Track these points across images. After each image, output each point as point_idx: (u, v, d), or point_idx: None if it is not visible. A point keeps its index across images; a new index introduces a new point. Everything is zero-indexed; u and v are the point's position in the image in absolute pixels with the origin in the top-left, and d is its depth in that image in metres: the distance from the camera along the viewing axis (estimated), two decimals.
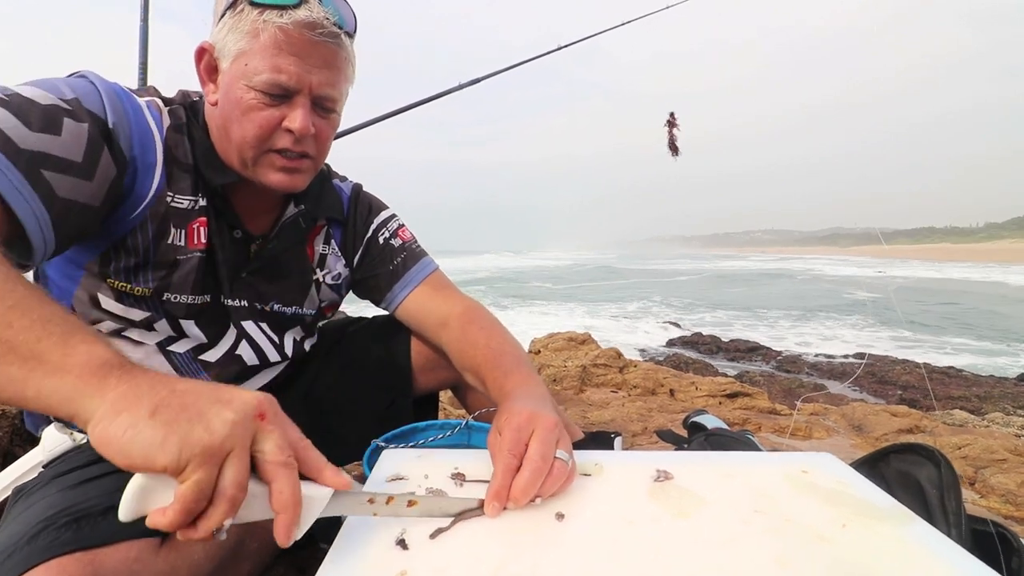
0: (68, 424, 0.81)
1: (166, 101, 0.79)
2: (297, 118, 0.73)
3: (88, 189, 0.66)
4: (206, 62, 0.76)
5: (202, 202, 0.79)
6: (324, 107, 0.77)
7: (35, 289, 0.49)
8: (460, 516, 0.56)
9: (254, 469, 0.46)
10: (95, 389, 0.43)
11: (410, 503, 0.56)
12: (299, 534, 0.47)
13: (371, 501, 0.54)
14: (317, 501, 0.49)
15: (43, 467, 0.78)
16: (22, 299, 0.46)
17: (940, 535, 0.54)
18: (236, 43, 0.71)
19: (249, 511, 0.46)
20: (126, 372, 0.45)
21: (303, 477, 0.49)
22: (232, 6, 0.72)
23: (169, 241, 0.77)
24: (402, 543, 0.52)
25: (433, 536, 0.53)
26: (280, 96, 0.72)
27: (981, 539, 0.73)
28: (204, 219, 0.79)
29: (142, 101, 0.74)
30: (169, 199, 0.76)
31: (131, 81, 1.94)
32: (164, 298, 0.78)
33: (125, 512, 0.42)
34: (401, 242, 1.03)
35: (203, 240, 0.79)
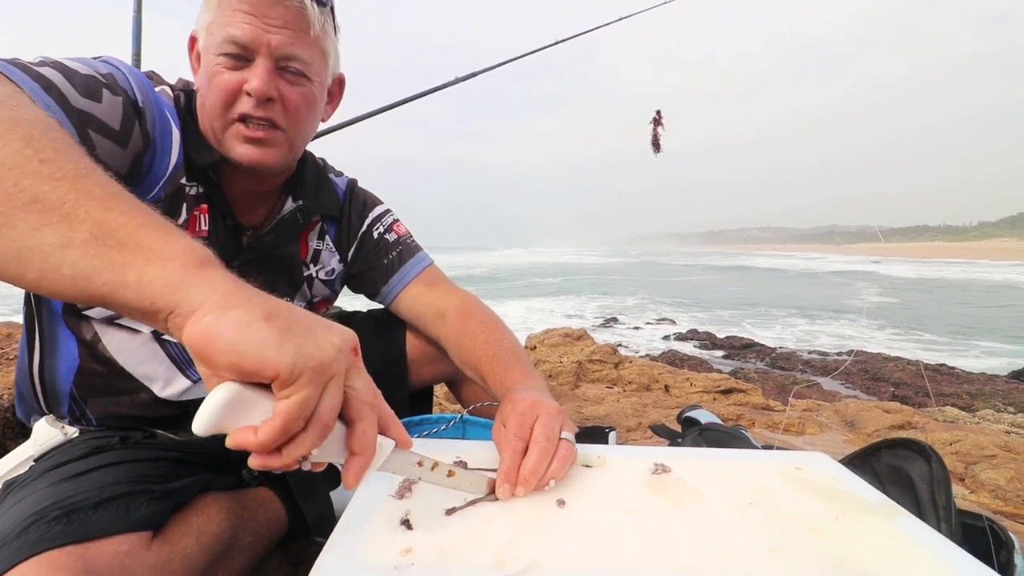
0: (60, 417, 0.81)
1: (172, 88, 0.80)
2: (254, 78, 0.71)
3: (121, 157, 0.67)
4: (196, 49, 0.77)
5: (201, 188, 0.79)
6: (290, 69, 0.74)
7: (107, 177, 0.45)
8: (474, 502, 0.58)
9: None
10: (202, 280, 0.39)
11: (450, 473, 0.57)
12: (370, 470, 0.46)
13: (420, 464, 0.54)
14: (383, 450, 0.48)
15: (34, 461, 0.77)
16: (122, 191, 0.43)
17: (929, 529, 0.55)
18: (206, 17, 0.73)
19: (327, 449, 0.43)
20: (227, 271, 0.42)
21: None
22: None
23: (177, 223, 0.77)
24: (407, 523, 0.53)
25: (449, 513, 0.55)
26: (239, 57, 0.71)
27: (970, 533, 0.74)
28: (205, 206, 0.79)
29: (157, 89, 0.76)
30: (182, 182, 0.77)
31: None
32: None
33: (203, 424, 0.37)
34: (396, 237, 1.03)
35: (204, 228, 0.79)
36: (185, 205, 0.77)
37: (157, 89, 0.76)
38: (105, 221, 0.40)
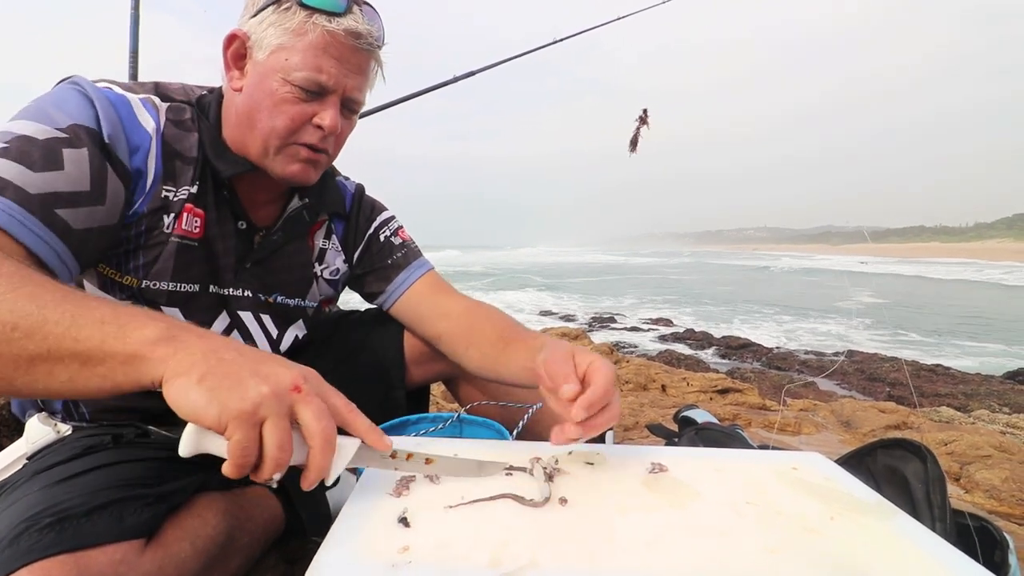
0: (52, 414, 0.80)
1: (165, 96, 0.79)
2: (328, 116, 0.76)
3: (102, 212, 0.68)
4: (235, 48, 0.77)
5: (192, 189, 0.79)
6: (350, 108, 0.80)
7: (76, 293, 0.54)
8: (504, 495, 0.58)
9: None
10: (157, 361, 0.50)
11: (428, 460, 0.59)
12: (332, 477, 0.53)
13: (393, 456, 0.58)
14: (346, 450, 0.54)
15: (27, 459, 0.77)
16: (76, 312, 0.51)
17: (924, 528, 0.55)
18: (277, 37, 0.73)
19: (298, 457, 0.52)
20: (180, 343, 0.51)
21: (344, 431, 0.56)
22: (278, 2, 0.74)
23: (157, 230, 0.77)
24: (404, 521, 0.53)
25: (452, 507, 0.56)
26: (315, 93, 0.75)
27: (965, 533, 0.74)
28: (194, 207, 0.79)
29: (137, 98, 0.74)
30: (164, 193, 0.77)
31: (122, 68, 1.92)
32: (143, 285, 0.78)
33: (184, 449, 0.49)
34: (401, 241, 1.05)
35: (196, 229, 0.80)
36: (171, 213, 0.77)
37: (141, 96, 0.75)
38: (80, 351, 0.50)
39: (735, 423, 1.99)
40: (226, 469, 0.49)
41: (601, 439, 1.23)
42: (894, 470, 0.82)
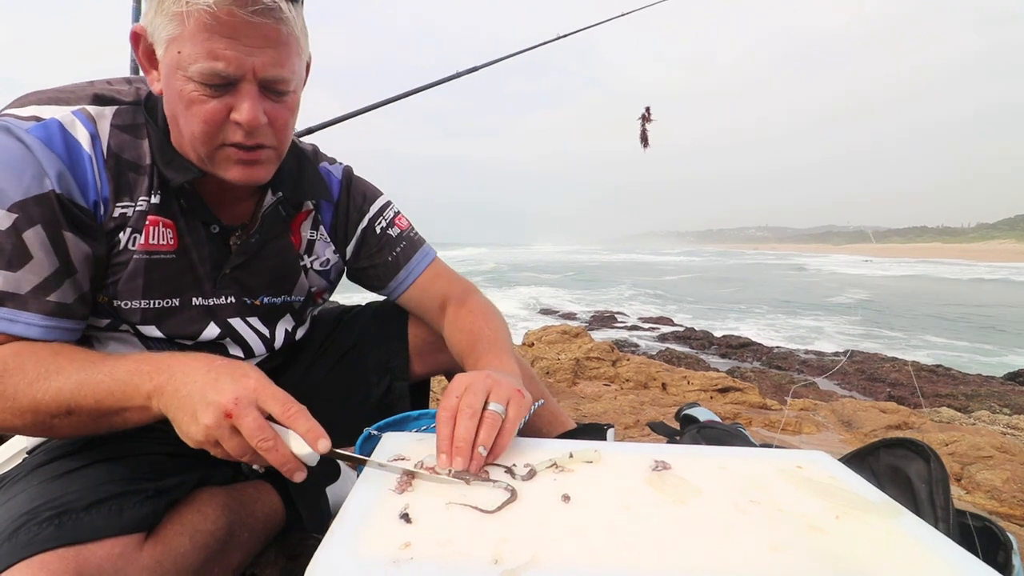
0: None
1: (108, 100, 0.72)
2: (244, 111, 0.66)
3: (81, 277, 0.69)
4: (143, 47, 0.69)
5: (154, 200, 0.74)
6: (275, 90, 0.69)
7: (85, 369, 0.63)
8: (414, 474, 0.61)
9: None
10: (155, 409, 0.62)
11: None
12: (311, 461, 0.61)
13: (331, 453, 0.62)
14: (303, 447, 0.61)
15: (27, 453, 0.77)
16: (95, 391, 0.62)
17: (929, 527, 0.55)
18: (165, 28, 0.64)
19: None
20: (160, 393, 0.61)
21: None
22: None
23: (115, 249, 0.74)
24: (406, 517, 0.53)
25: (454, 503, 0.56)
26: (221, 86, 0.65)
27: (968, 533, 0.74)
28: (160, 219, 0.75)
29: (69, 112, 0.69)
30: (120, 211, 0.72)
31: (123, 65, 1.91)
32: (115, 305, 0.76)
33: None
34: (399, 231, 1.01)
35: (170, 241, 0.76)
36: (127, 229, 0.73)
37: (75, 108, 0.69)
38: (116, 409, 0.63)
39: (736, 422, 1.99)
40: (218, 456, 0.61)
41: (602, 437, 1.23)
42: (897, 469, 0.82)
